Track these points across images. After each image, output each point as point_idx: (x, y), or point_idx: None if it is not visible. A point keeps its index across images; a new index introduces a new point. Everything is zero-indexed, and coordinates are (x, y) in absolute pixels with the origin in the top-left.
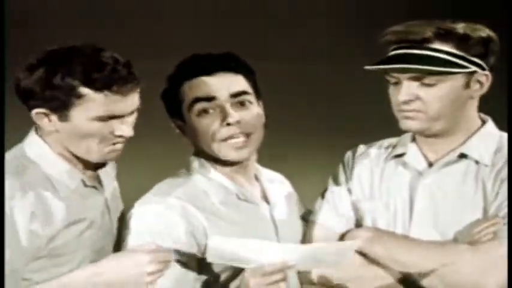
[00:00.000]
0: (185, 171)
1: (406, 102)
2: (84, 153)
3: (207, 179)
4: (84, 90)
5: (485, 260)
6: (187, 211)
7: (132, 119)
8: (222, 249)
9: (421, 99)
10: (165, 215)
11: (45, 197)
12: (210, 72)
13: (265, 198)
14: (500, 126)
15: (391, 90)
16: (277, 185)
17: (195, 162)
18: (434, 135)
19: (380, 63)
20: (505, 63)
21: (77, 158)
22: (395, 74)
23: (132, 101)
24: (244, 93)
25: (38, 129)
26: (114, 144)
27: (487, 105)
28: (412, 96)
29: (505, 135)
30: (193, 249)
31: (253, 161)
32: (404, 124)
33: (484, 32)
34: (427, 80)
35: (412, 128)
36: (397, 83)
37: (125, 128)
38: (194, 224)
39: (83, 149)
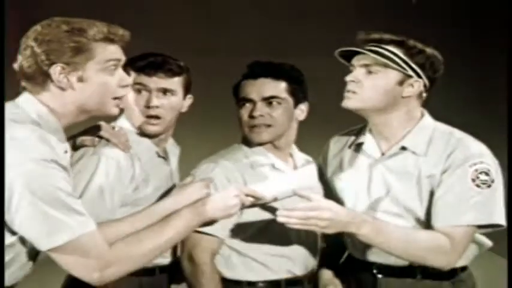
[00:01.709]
0: (236, 145)
1: (349, 83)
2: (136, 122)
3: (250, 151)
4: (130, 72)
5: None
6: (233, 170)
7: (164, 98)
8: None
9: (360, 82)
10: (220, 168)
11: (133, 159)
12: (257, 76)
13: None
14: (500, 127)
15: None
16: (305, 162)
17: (244, 140)
18: (382, 127)
19: (346, 49)
20: (504, 64)
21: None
22: (354, 63)
23: (164, 82)
24: (273, 97)
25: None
26: (148, 117)
27: (487, 107)
28: (355, 79)
29: (439, 125)
30: None
31: (289, 144)
32: (343, 103)
33: (431, 50)
34: (372, 68)
35: (348, 105)
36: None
37: (153, 100)
38: (238, 180)
39: (135, 120)
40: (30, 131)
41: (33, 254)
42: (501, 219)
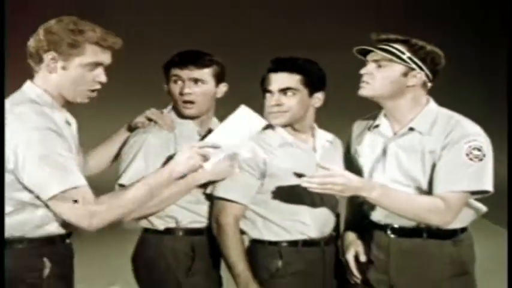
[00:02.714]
0: (262, 128)
1: (363, 75)
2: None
3: (273, 132)
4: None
5: None
6: (254, 146)
7: (196, 87)
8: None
9: (372, 74)
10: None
11: (176, 136)
12: (276, 70)
13: (314, 149)
14: (500, 125)
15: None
16: (326, 142)
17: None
18: (393, 111)
19: (361, 48)
20: (504, 64)
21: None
22: (368, 58)
23: (194, 72)
24: (288, 88)
25: None
26: (183, 102)
27: (488, 105)
28: (368, 72)
29: (442, 109)
30: (256, 170)
31: (307, 126)
32: (359, 92)
33: (431, 47)
34: (381, 63)
35: (363, 93)
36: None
37: (186, 88)
38: (258, 155)
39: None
40: (28, 108)
41: None
42: (489, 186)
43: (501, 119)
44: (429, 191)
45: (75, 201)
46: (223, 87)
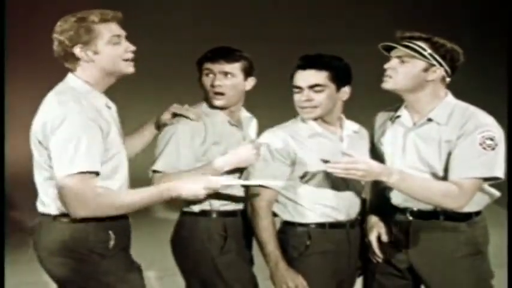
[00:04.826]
0: (294, 119)
1: (387, 69)
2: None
3: (304, 123)
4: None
5: None
6: (286, 137)
7: (226, 79)
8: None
9: (395, 69)
10: (275, 136)
11: (206, 126)
12: (304, 68)
13: (341, 138)
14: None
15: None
16: (353, 132)
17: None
18: (414, 103)
19: (386, 44)
20: (504, 63)
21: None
22: (391, 54)
23: (224, 66)
24: (316, 85)
25: None
26: (214, 94)
27: (488, 104)
28: (391, 66)
29: (459, 102)
30: (287, 158)
31: (335, 118)
32: (382, 85)
33: (451, 45)
34: (404, 58)
35: (386, 87)
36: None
37: (216, 81)
38: (289, 144)
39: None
40: (68, 96)
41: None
42: (500, 173)
43: (501, 118)
44: (444, 177)
45: (79, 186)
46: (251, 81)
